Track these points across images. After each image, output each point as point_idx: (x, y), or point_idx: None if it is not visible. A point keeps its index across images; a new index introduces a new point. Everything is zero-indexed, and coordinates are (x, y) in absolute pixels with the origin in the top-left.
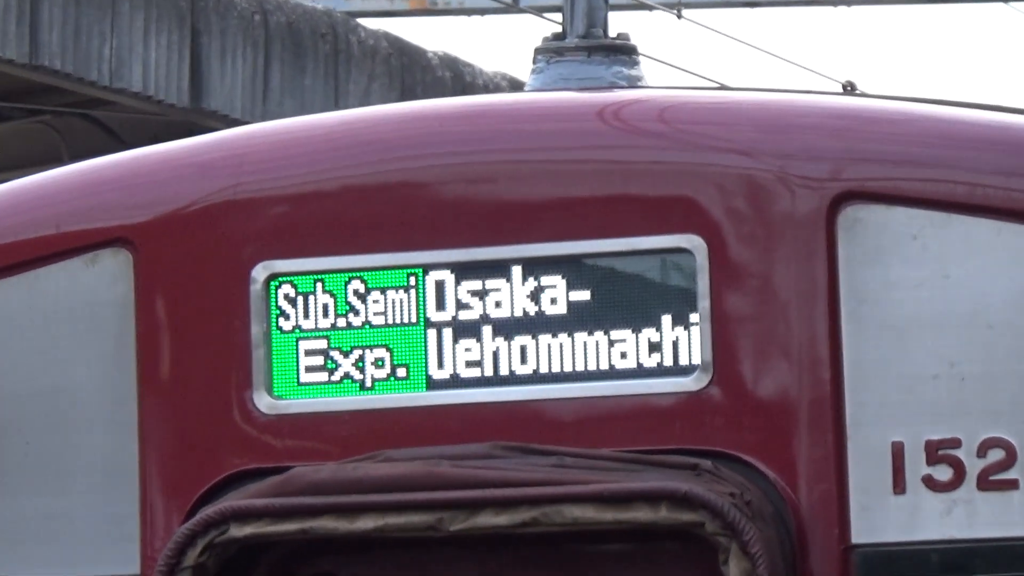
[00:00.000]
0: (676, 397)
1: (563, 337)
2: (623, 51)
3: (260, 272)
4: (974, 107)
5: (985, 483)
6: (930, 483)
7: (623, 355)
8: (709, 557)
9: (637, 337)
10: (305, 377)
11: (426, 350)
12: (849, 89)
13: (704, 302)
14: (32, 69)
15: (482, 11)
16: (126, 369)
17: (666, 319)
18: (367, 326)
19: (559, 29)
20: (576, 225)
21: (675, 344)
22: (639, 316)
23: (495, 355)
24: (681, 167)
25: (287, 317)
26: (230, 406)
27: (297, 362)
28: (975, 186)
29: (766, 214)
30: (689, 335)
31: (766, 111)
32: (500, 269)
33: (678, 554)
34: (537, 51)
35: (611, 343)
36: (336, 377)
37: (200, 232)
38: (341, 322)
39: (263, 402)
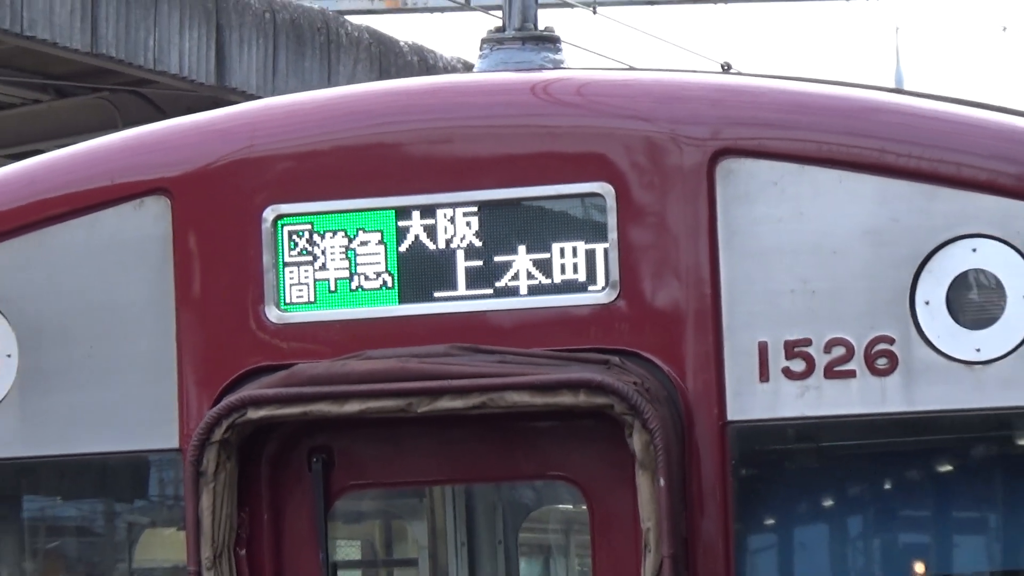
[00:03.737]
0: (592, 308)
1: (503, 261)
2: (549, 40)
3: (269, 213)
4: (822, 83)
5: (830, 373)
6: (788, 373)
7: (551, 275)
8: (617, 432)
9: (562, 262)
10: (305, 295)
11: (398, 273)
12: (726, 69)
13: (612, 234)
14: (93, 56)
15: (442, 9)
16: (166, 289)
17: (584, 248)
18: (353, 254)
19: (500, 23)
20: (514, 175)
21: (591, 267)
22: (564, 245)
23: (452, 276)
24: (595, 130)
25: (291, 248)
26: (247, 317)
27: (299, 283)
28: (821, 143)
29: (660, 166)
30: (602, 260)
31: (661, 86)
32: (457, 210)
33: (593, 430)
34: (483, 41)
35: (542, 266)
36: (329, 294)
37: (222, 183)
38: (332, 252)
39: (273, 314)
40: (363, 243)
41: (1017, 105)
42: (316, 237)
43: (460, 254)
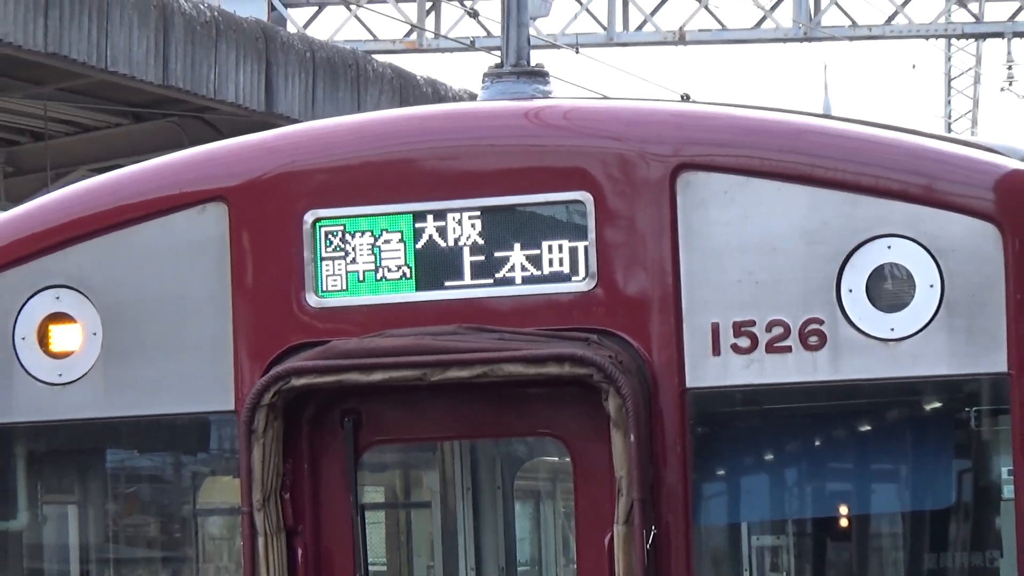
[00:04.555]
0: (575, 295)
1: (501, 256)
2: (540, 75)
3: (309, 217)
4: (764, 109)
5: (770, 348)
6: (735, 348)
7: (541, 268)
8: (596, 397)
9: (550, 257)
10: (339, 284)
11: (415, 266)
12: (685, 98)
13: (592, 234)
14: (164, 87)
15: (451, 49)
16: (224, 280)
17: (568, 245)
18: (377, 251)
19: (499, 61)
20: (510, 185)
21: (574, 261)
22: (552, 244)
23: (460, 268)
24: (576, 148)
25: (326, 246)
26: (290, 302)
27: (333, 274)
28: (763, 159)
29: (631, 178)
30: (583, 255)
31: (631, 112)
32: (464, 214)
33: (576, 395)
34: (485, 75)
35: (533, 260)
36: (358, 283)
37: (270, 191)
38: (360, 249)
39: (312, 300)
40: (386, 241)
41: (924, 128)
42: (348, 236)
43: (466, 250)
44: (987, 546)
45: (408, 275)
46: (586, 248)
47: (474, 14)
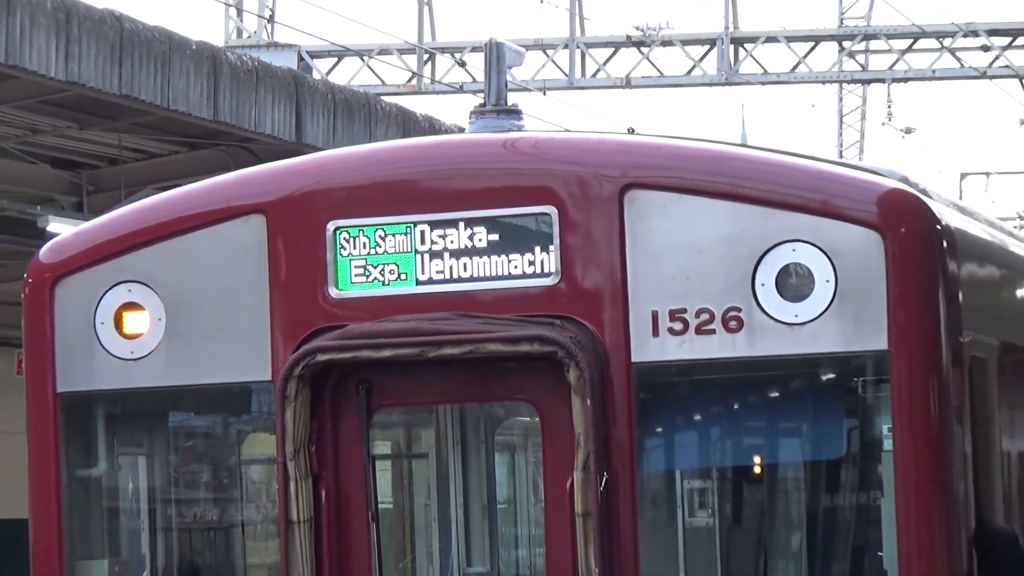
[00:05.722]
0: (543, 288)
1: (486, 258)
2: (515, 113)
3: (330, 226)
4: (694, 140)
5: (699, 331)
6: (671, 331)
7: (517, 267)
8: (560, 370)
9: (523, 258)
10: (354, 279)
11: (415, 265)
12: (631, 131)
13: (556, 240)
14: (215, 123)
15: (445, 92)
16: (263, 276)
17: (538, 249)
18: (385, 253)
19: (483, 101)
20: (492, 200)
21: (543, 263)
22: (524, 248)
23: (451, 268)
24: (545, 170)
25: (344, 249)
26: (315, 294)
27: (350, 271)
28: (693, 180)
29: (588, 195)
30: (549, 256)
31: (587, 141)
32: (454, 224)
33: (544, 368)
34: (471, 112)
35: (510, 261)
36: (369, 279)
37: (299, 205)
38: (371, 251)
39: (333, 292)
40: (392, 245)
41: (822, 154)
42: (362, 241)
43: (456, 252)
44: (871, 488)
45: (409, 272)
46: (552, 251)
47: (462, 64)
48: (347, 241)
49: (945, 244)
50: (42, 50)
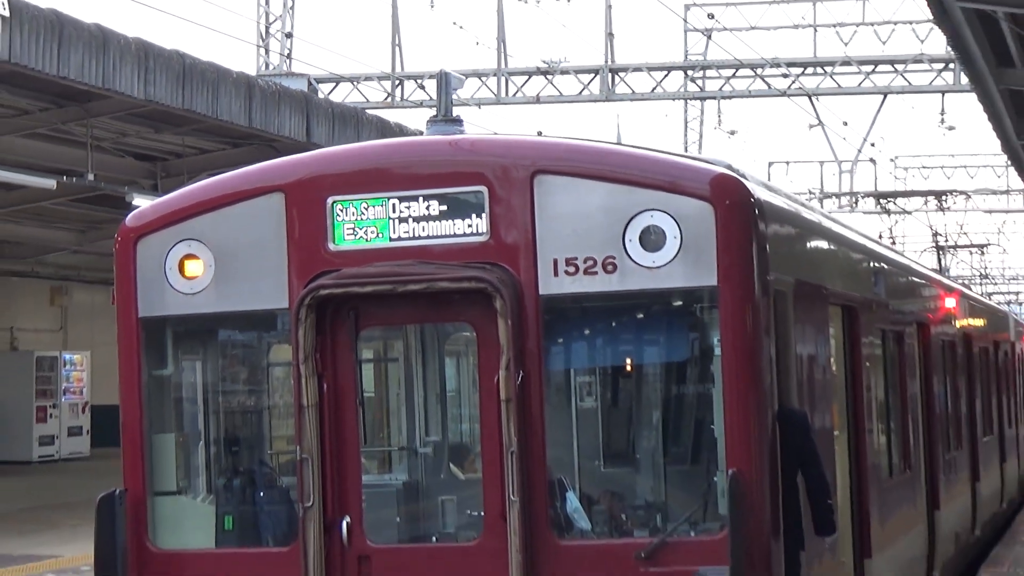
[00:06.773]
0: (478, 244)
1: (437, 223)
2: (458, 122)
3: (329, 200)
4: (584, 140)
5: (586, 272)
6: (567, 272)
7: (459, 229)
8: (490, 300)
9: (464, 222)
10: (346, 237)
11: (388, 228)
12: (539, 134)
13: (487, 210)
14: (249, 128)
15: (411, 106)
16: (282, 236)
17: (474, 216)
18: (367, 219)
19: (435, 113)
20: (442, 182)
21: (478, 226)
22: (465, 215)
23: (414, 229)
24: (479, 161)
25: (339, 216)
26: (319, 248)
27: (343, 232)
28: (583, 168)
29: (510, 178)
30: (482, 221)
31: (509, 141)
32: (415, 199)
33: (479, 299)
34: (428, 121)
35: (455, 225)
36: (356, 237)
37: (307, 186)
38: (358, 217)
39: (331, 246)
40: (372, 213)
41: (673, 150)
42: (351, 210)
43: (418, 219)
44: (706, 381)
45: (384, 232)
46: (484, 217)
47: (423, 87)
48: (341, 211)
49: (757, 211)
50: (128, 78)
